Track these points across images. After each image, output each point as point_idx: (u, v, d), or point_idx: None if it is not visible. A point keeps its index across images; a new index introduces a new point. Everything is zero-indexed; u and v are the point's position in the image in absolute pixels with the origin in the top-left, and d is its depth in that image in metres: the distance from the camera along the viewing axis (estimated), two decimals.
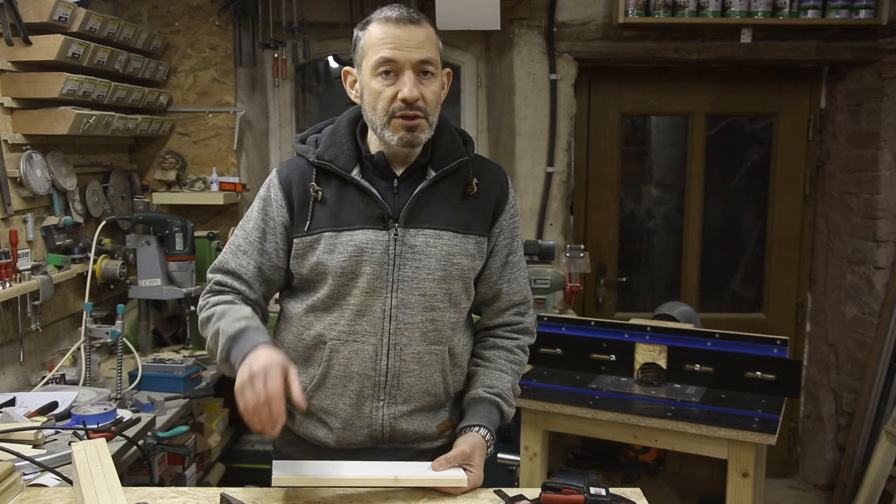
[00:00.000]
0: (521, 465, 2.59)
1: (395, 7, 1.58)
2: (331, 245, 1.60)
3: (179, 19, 3.43)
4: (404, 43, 1.54)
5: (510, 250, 1.72)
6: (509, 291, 1.73)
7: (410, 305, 1.61)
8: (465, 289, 1.67)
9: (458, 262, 1.62)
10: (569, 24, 3.51)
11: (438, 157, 1.65)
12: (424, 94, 1.56)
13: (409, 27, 1.55)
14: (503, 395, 1.69)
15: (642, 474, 3.37)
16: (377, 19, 1.57)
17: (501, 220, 1.69)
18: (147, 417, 2.23)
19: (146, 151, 3.48)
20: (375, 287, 1.59)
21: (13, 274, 2.44)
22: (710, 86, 3.80)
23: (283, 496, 1.54)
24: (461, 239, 1.63)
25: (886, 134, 3.51)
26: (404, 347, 1.62)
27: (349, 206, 1.62)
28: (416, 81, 1.55)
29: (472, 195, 1.66)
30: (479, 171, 1.69)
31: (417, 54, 1.54)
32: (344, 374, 1.63)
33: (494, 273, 1.71)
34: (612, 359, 2.68)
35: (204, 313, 1.65)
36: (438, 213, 1.62)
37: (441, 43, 1.61)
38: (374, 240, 1.59)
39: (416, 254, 1.60)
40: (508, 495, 1.54)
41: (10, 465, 1.55)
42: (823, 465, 3.87)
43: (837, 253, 3.79)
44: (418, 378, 1.63)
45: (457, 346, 1.69)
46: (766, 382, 2.50)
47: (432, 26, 1.59)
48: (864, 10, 3.34)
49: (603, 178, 3.87)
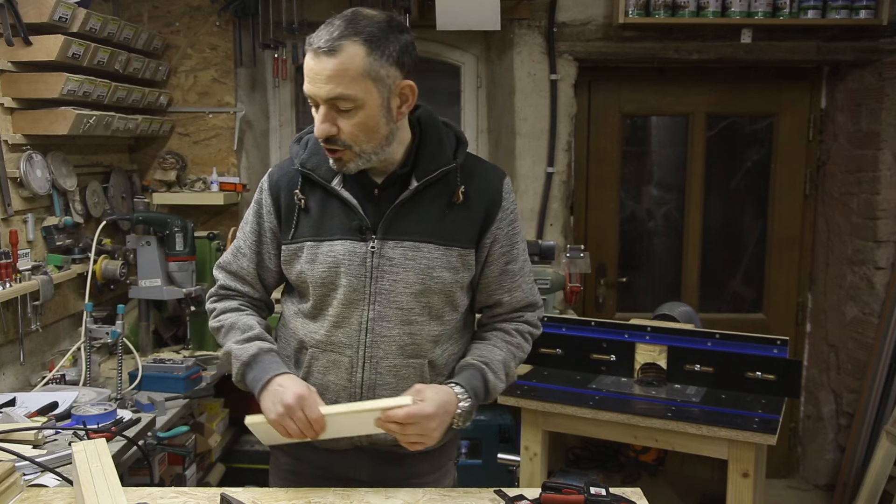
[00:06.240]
0: (521, 465, 2.59)
1: (323, 29, 1.47)
2: (312, 255, 1.60)
3: (179, 19, 3.44)
4: (315, 77, 1.46)
5: (509, 259, 1.65)
6: (511, 301, 1.69)
7: (387, 318, 1.58)
8: (447, 302, 1.61)
9: (439, 276, 1.57)
10: (569, 25, 3.51)
11: (422, 165, 1.58)
12: (341, 127, 1.48)
13: (322, 59, 1.44)
14: (490, 364, 1.62)
15: (642, 474, 3.37)
16: (308, 46, 1.48)
17: (494, 229, 1.62)
18: (147, 418, 2.23)
19: (146, 151, 3.49)
20: (353, 299, 1.58)
21: (13, 274, 2.44)
22: (711, 86, 3.80)
23: (283, 496, 1.54)
24: (443, 251, 1.57)
25: (886, 134, 3.51)
26: (380, 360, 1.59)
27: (330, 215, 1.60)
28: (328, 116, 1.47)
29: (458, 204, 1.59)
30: (469, 178, 1.61)
31: (325, 91, 1.45)
32: (322, 382, 1.62)
33: (492, 283, 1.66)
34: (613, 359, 2.68)
35: (213, 321, 1.71)
36: (419, 225, 1.57)
37: (383, 62, 1.46)
38: (352, 251, 1.57)
39: (393, 266, 1.56)
40: (508, 495, 1.54)
41: (11, 466, 1.55)
42: (824, 465, 3.87)
43: (838, 253, 3.79)
44: (394, 391, 1.58)
45: (439, 358, 1.64)
46: (767, 383, 2.50)
47: (364, 45, 1.44)
48: (864, 11, 3.34)
49: (603, 179, 3.87)
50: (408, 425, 1.46)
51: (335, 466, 1.69)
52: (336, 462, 1.69)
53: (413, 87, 1.52)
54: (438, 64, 3.78)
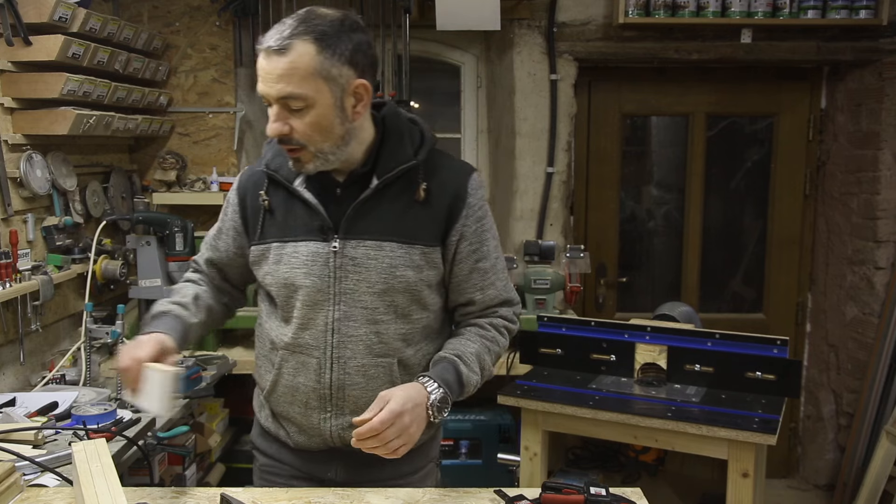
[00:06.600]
0: (521, 465, 2.59)
1: (276, 28, 1.47)
2: (278, 256, 1.61)
3: (179, 19, 3.44)
4: (267, 76, 1.46)
5: (479, 256, 1.62)
6: (484, 299, 1.66)
7: (353, 318, 1.57)
8: (414, 300, 1.59)
9: (402, 275, 1.56)
10: (569, 25, 3.51)
11: (382, 163, 1.56)
12: (294, 126, 1.47)
13: (273, 58, 1.44)
14: (463, 356, 1.59)
15: (642, 474, 3.37)
16: (259, 45, 1.48)
17: (460, 227, 1.59)
18: (147, 418, 2.23)
19: (146, 151, 3.48)
20: (317, 300, 1.57)
21: (13, 274, 2.44)
22: (711, 86, 3.80)
23: (284, 496, 1.54)
24: (406, 250, 1.56)
25: (886, 134, 3.51)
26: (348, 360, 1.58)
27: (294, 216, 1.60)
28: (281, 115, 1.47)
29: (421, 202, 1.57)
30: (433, 175, 1.58)
31: (276, 90, 1.45)
32: (292, 384, 1.63)
33: (462, 281, 1.63)
34: (613, 359, 2.68)
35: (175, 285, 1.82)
36: (381, 223, 1.56)
37: (334, 61, 1.45)
38: (315, 252, 1.57)
39: (356, 266, 1.56)
40: (508, 495, 1.54)
41: (10, 466, 1.55)
42: (824, 465, 3.87)
43: (838, 253, 3.79)
44: (364, 391, 1.57)
45: (410, 357, 1.62)
46: (767, 383, 2.50)
47: (314, 44, 1.43)
48: (864, 11, 3.34)
49: (603, 179, 3.87)
50: (384, 431, 1.39)
51: (310, 466, 1.69)
52: (311, 461, 1.69)
53: (367, 87, 1.50)
54: (438, 64, 3.78)
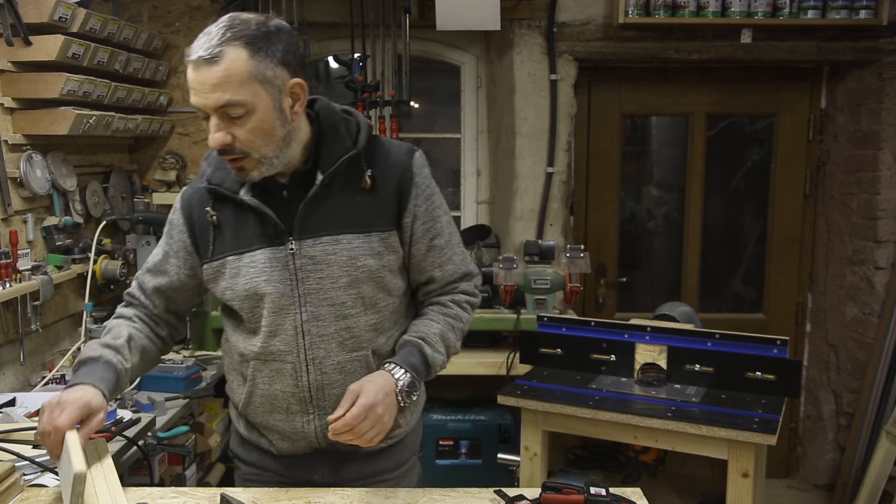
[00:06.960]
0: (521, 465, 2.59)
1: (202, 38, 1.44)
2: (235, 269, 1.59)
3: (179, 19, 3.43)
4: (200, 88, 1.43)
5: (433, 234, 1.63)
6: (444, 275, 1.66)
7: (321, 317, 1.57)
8: (379, 288, 1.59)
9: (364, 264, 1.56)
10: (569, 25, 3.51)
11: (324, 157, 1.55)
12: (236, 135, 1.45)
13: (204, 68, 1.42)
14: (427, 338, 1.60)
15: (642, 474, 3.37)
16: (187, 57, 1.46)
17: (412, 207, 1.59)
18: (147, 417, 2.23)
19: (146, 151, 3.49)
20: (282, 305, 1.56)
21: (13, 274, 2.45)
22: (711, 86, 3.80)
23: (284, 496, 1.54)
24: (364, 239, 1.56)
25: (886, 134, 3.51)
26: (323, 360, 1.58)
27: (245, 226, 1.58)
28: (221, 125, 1.45)
29: (368, 189, 1.56)
30: (375, 161, 1.58)
31: (213, 100, 1.42)
32: (269, 392, 1.62)
33: (421, 261, 1.64)
34: (613, 359, 2.67)
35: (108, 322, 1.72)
36: (334, 218, 1.55)
37: (268, 63, 1.43)
38: (272, 258, 1.56)
39: (317, 265, 1.55)
40: (508, 495, 1.54)
41: (10, 465, 1.55)
42: (824, 465, 3.87)
43: (838, 253, 3.79)
44: (343, 388, 1.54)
45: (383, 346, 1.63)
46: (767, 383, 2.50)
47: (246, 48, 1.41)
48: (864, 11, 3.34)
49: (603, 178, 3.87)
50: (359, 425, 1.42)
51: (295, 470, 1.69)
52: (295, 466, 1.69)
53: (303, 85, 1.49)
54: (438, 64, 3.78)
